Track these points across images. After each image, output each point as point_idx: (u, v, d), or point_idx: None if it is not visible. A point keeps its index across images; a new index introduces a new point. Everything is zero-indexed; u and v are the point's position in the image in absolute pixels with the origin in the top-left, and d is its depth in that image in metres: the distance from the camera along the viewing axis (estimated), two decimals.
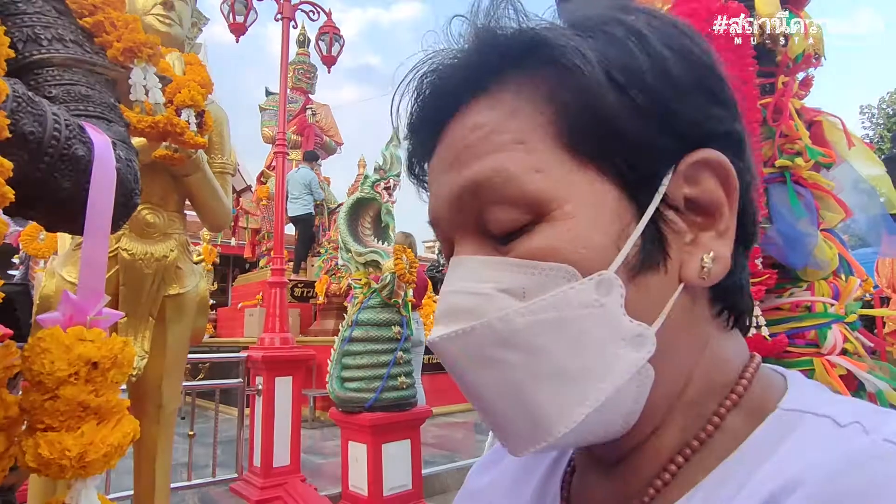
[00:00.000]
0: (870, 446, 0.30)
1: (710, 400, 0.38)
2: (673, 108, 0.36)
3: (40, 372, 0.59)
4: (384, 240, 3.48)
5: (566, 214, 0.35)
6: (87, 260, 0.66)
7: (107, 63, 0.84)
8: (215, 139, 2.18)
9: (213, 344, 8.30)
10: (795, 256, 1.61)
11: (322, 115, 10.44)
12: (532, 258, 0.35)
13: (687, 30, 0.39)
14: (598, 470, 0.43)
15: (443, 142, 0.41)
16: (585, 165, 0.36)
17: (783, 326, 1.62)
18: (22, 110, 0.61)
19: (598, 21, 0.38)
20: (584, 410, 0.34)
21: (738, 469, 0.34)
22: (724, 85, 0.39)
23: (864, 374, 1.55)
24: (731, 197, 0.37)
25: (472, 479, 0.56)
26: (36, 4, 0.79)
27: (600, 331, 0.34)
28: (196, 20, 2.29)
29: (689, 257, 0.37)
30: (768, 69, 1.80)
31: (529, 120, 0.37)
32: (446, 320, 0.37)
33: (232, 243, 11.66)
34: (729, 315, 0.41)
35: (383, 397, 3.16)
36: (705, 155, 0.37)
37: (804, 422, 0.34)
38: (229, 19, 4.68)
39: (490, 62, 0.38)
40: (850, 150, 1.85)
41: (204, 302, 2.16)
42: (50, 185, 0.67)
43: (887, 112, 20.67)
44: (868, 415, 0.32)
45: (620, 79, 0.35)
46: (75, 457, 0.59)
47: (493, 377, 0.36)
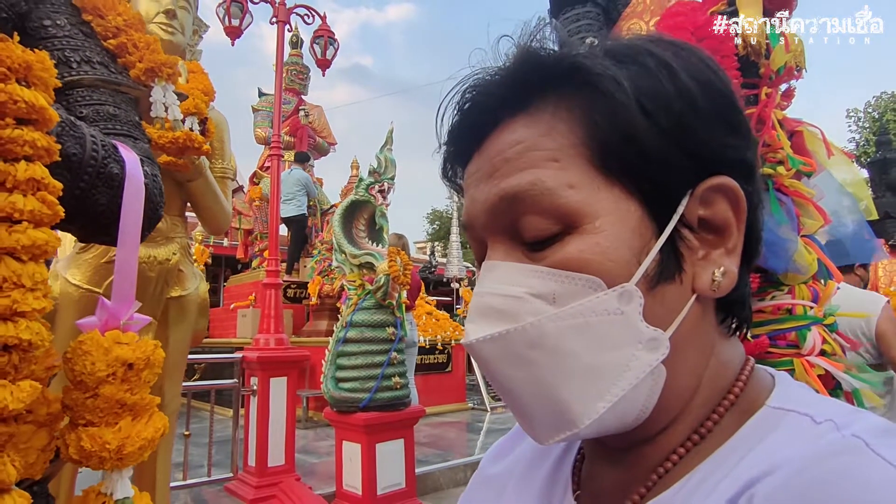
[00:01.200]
0: (838, 440, 0.33)
1: (713, 401, 0.42)
2: (696, 136, 0.39)
3: (82, 372, 0.64)
4: (378, 242, 3.52)
5: (596, 229, 0.39)
6: (120, 269, 0.71)
7: (130, 82, 0.89)
8: (216, 144, 2.22)
9: (206, 344, 8.29)
10: (777, 261, 1.68)
11: (315, 116, 10.46)
12: (563, 267, 0.39)
13: (711, 63, 0.42)
14: (606, 459, 0.47)
15: (482, 152, 0.44)
16: (613, 184, 0.40)
17: (765, 328, 1.69)
18: (65, 134, 0.66)
19: (631, 51, 0.41)
20: (605, 405, 0.38)
21: (727, 459, 0.38)
22: (742, 116, 0.42)
23: (841, 373, 1.62)
24: (739, 219, 0.41)
25: (486, 467, 0.60)
26: (65, 29, 0.84)
27: (620, 335, 0.38)
28: (197, 27, 2.33)
29: (701, 271, 0.41)
30: (752, 81, 1.87)
31: (564, 139, 0.40)
32: (480, 320, 0.41)
33: (224, 244, 11.63)
34: (731, 323, 0.45)
35: (377, 397, 3.21)
36: (721, 181, 0.40)
37: (787, 419, 0.38)
38: (225, 22, 4.70)
39: (531, 83, 0.42)
40: (830, 158, 1.93)
41: (204, 304, 2.20)
42: (88, 202, 0.72)
43: (873, 116, 20.89)
44: (843, 414, 0.36)
45: (649, 106, 0.39)
46: (114, 449, 0.64)
47: (524, 375, 0.40)
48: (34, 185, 0.58)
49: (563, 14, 2.21)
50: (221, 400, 5.16)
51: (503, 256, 0.43)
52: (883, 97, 21.03)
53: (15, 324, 0.56)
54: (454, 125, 0.47)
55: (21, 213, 0.56)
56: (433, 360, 6.99)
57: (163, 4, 2.01)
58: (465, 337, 0.42)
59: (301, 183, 8.63)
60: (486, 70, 0.45)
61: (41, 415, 0.64)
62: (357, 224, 3.62)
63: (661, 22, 1.89)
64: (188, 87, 1.79)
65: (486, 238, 0.45)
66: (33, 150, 0.57)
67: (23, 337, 0.56)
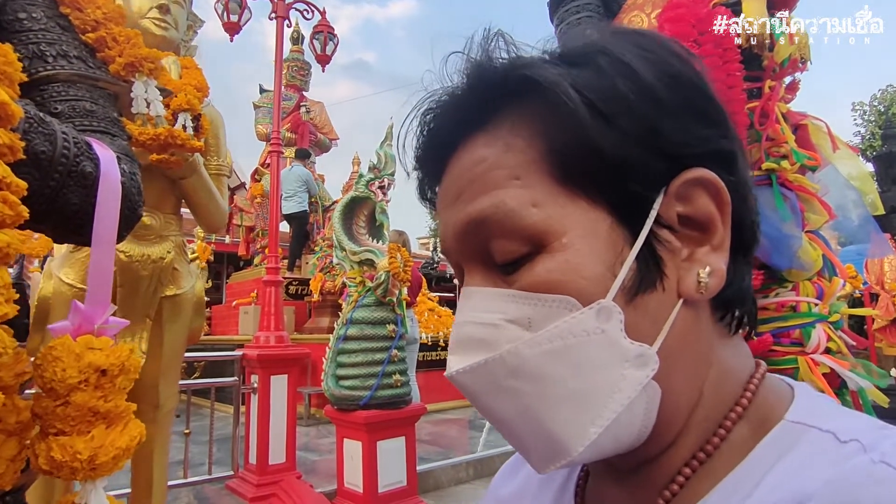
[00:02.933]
0: (867, 466, 0.31)
1: (719, 413, 0.40)
2: (660, 133, 0.37)
3: (52, 379, 0.62)
4: (379, 238, 3.50)
5: (563, 246, 0.37)
6: (95, 271, 0.69)
7: (109, 78, 0.87)
8: (211, 141, 2.20)
9: (208, 342, 8.30)
10: (780, 258, 1.65)
11: (316, 113, 10.43)
12: (535, 290, 0.37)
13: (675, 49, 0.40)
14: (612, 478, 0.45)
15: (448, 174, 0.43)
16: (578, 197, 0.38)
17: (768, 326, 1.66)
18: (34, 130, 0.64)
19: (586, 51, 0.39)
20: (597, 429, 0.36)
21: (745, 480, 0.35)
22: (713, 103, 0.40)
23: (847, 372, 1.59)
24: (723, 211, 0.39)
25: (498, 487, 0.58)
26: (41, 21, 0.81)
27: (604, 355, 0.36)
28: (191, 23, 2.30)
29: (686, 273, 0.38)
30: (755, 73, 1.83)
31: (523, 155, 0.38)
32: (460, 351, 0.40)
33: (226, 241, 11.63)
34: (731, 320, 0.42)
35: (378, 395, 3.19)
36: (695, 174, 0.38)
37: (808, 436, 0.35)
38: (223, 18, 4.68)
39: (484, 100, 0.40)
40: (835, 153, 1.89)
41: (200, 302, 2.18)
42: (59, 201, 0.70)
43: (879, 109, 20.76)
44: (868, 431, 0.34)
45: (605, 109, 0.37)
46: (86, 459, 0.62)
47: (510, 404, 0.38)
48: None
49: (562, 6, 2.18)
50: (222, 397, 5.16)
51: (480, 282, 0.41)
52: (889, 90, 20.89)
53: None
54: (418, 151, 0.45)
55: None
56: (435, 357, 6.98)
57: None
58: (447, 369, 0.40)
59: (302, 179, 8.62)
60: (440, 91, 0.43)
61: (10, 423, 0.62)
62: (357, 221, 3.61)
63: (662, 14, 1.85)
64: (181, 83, 1.76)
65: (461, 263, 0.43)
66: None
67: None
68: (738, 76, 1.73)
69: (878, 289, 6.07)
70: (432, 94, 0.43)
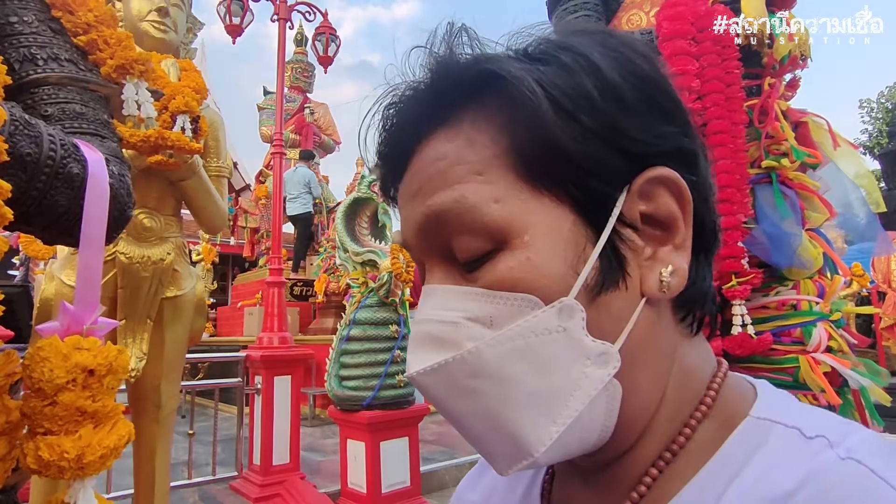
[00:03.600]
0: (835, 463, 0.32)
1: (683, 412, 0.39)
2: (622, 131, 0.37)
3: (40, 379, 0.62)
4: (381, 239, 3.51)
5: (525, 244, 0.36)
6: (83, 272, 0.69)
7: (100, 80, 0.87)
8: (211, 143, 2.21)
9: (213, 343, 8.34)
10: (780, 256, 1.64)
11: (320, 114, 10.46)
12: (497, 287, 0.36)
13: (640, 49, 0.40)
14: (578, 478, 0.44)
15: (409, 170, 0.42)
16: (541, 193, 0.37)
17: (769, 325, 1.65)
18: (19, 133, 0.64)
19: (549, 47, 0.39)
20: (559, 428, 0.36)
21: (716, 478, 0.35)
22: (675, 102, 0.40)
23: (848, 370, 1.58)
24: (685, 210, 0.39)
25: (464, 493, 0.57)
26: (32, 25, 0.82)
27: (565, 353, 0.36)
28: (191, 25, 2.31)
29: (648, 272, 0.38)
30: (754, 71, 1.82)
31: (486, 150, 0.38)
32: (420, 350, 0.39)
33: (231, 242, 11.69)
34: (693, 320, 0.42)
35: (381, 395, 3.20)
36: (657, 172, 0.38)
37: (774, 432, 0.36)
38: (226, 20, 4.70)
39: (446, 95, 0.40)
40: (836, 150, 1.88)
41: (201, 303, 2.19)
42: (46, 203, 0.70)
43: (886, 106, 20.61)
44: (832, 427, 0.35)
45: (569, 106, 0.36)
46: (73, 459, 0.62)
47: (471, 405, 0.37)
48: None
49: (561, 5, 2.17)
50: (226, 398, 5.17)
51: (441, 279, 0.40)
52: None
53: None
54: (380, 146, 0.44)
55: None
56: None
57: (155, 2, 2.00)
58: (407, 369, 0.40)
59: (305, 181, 8.64)
60: (403, 86, 0.42)
61: (0, 423, 0.62)
62: (360, 221, 3.61)
63: (661, 12, 1.85)
64: (179, 86, 1.77)
65: (423, 260, 0.42)
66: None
67: None
68: (736, 73, 1.72)
69: (886, 287, 6.02)
70: (394, 89, 0.43)
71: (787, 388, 1.57)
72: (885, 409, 1.73)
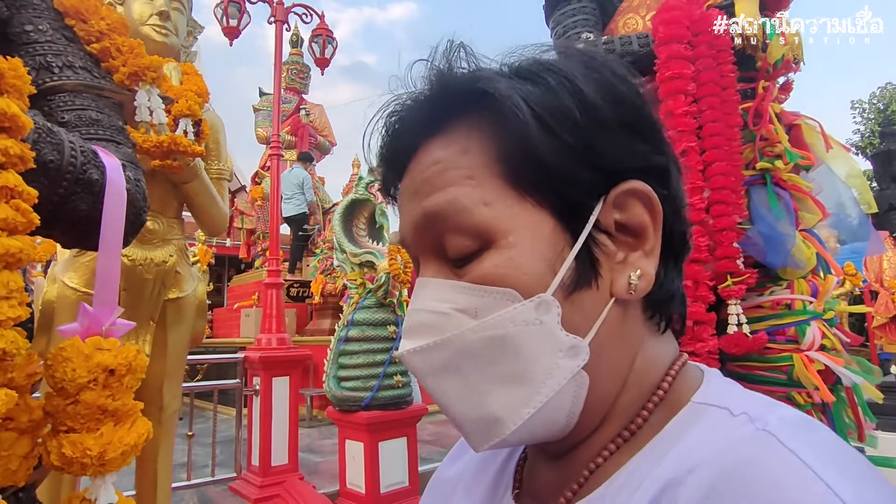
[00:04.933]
0: (749, 433, 0.35)
1: (642, 398, 0.44)
2: (600, 147, 0.41)
3: (63, 379, 0.64)
4: (379, 240, 3.52)
5: (510, 244, 0.40)
6: (102, 275, 0.71)
7: (113, 87, 0.89)
8: (212, 146, 2.22)
9: (210, 344, 8.32)
10: (775, 256, 1.67)
11: (316, 116, 10.47)
12: (482, 282, 0.41)
13: (619, 72, 0.44)
14: (546, 460, 0.49)
15: (409, 172, 0.46)
16: (524, 199, 0.41)
17: (764, 324, 1.68)
18: (42, 140, 0.66)
19: (537, 68, 0.43)
20: (529, 411, 0.40)
21: (651, 455, 0.39)
22: (650, 122, 0.44)
23: (841, 368, 1.61)
24: (655, 221, 0.43)
25: (442, 470, 0.62)
26: (47, 33, 0.84)
27: (540, 344, 0.40)
28: (191, 29, 2.32)
29: (618, 275, 0.42)
30: (749, 74, 1.85)
31: (478, 158, 0.42)
32: (412, 335, 0.43)
33: (227, 244, 11.67)
34: (660, 320, 0.46)
35: (379, 396, 3.21)
36: (631, 186, 0.42)
37: (707, 413, 0.39)
38: (223, 23, 4.71)
39: (443, 106, 0.44)
40: (828, 152, 1.91)
41: (202, 305, 2.20)
42: (67, 208, 0.72)
43: (878, 107, 20.74)
44: (758, 406, 0.38)
45: (551, 122, 0.40)
46: (95, 456, 0.64)
47: (452, 384, 0.42)
48: (7, 193, 0.57)
49: (558, 9, 2.20)
50: (225, 400, 5.18)
51: (433, 273, 0.44)
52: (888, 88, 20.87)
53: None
54: (382, 150, 0.49)
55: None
56: None
57: (156, 6, 2.01)
58: (399, 349, 0.45)
59: (299, 181, 8.64)
60: (404, 95, 0.47)
61: (23, 422, 0.64)
62: (357, 223, 3.63)
63: (657, 16, 1.87)
64: (182, 89, 1.79)
65: (418, 255, 0.47)
66: (6, 157, 0.57)
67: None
68: (731, 77, 1.75)
69: (878, 286, 6.08)
70: (397, 98, 0.47)
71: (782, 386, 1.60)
72: (878, 407, 1.76)
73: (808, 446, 0.33)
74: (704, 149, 1.68)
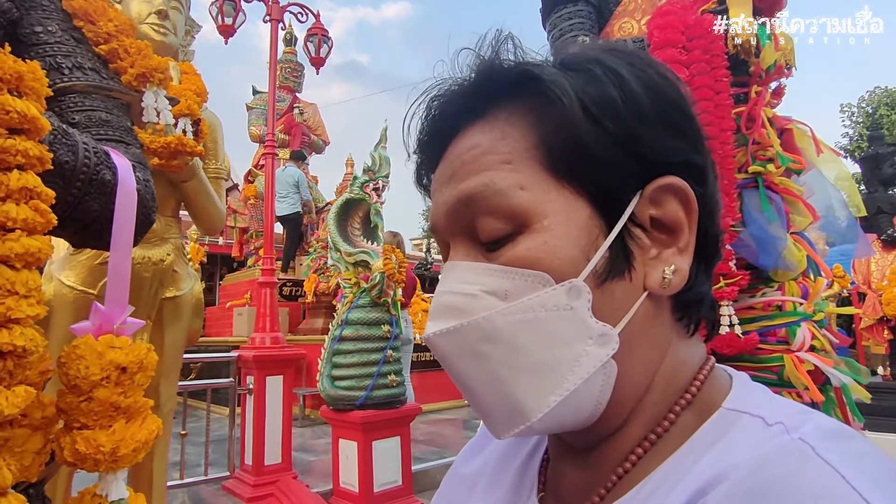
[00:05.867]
0: (786, 444, 0.34)
1: (669, 399, 0.43)
2: (640, 139, 0.41)
3: (76, 376, 0.65)
4: (373, 240, 3.53)
5: (545, 228, 0.40)
6: (113, 274, 0.73)
7: (122, 88, 0.90)
8: (209, 145, 2.23)
9: (203, 343, 8.28)
10: (766, 258, 1.69)
11: (309, 114, 10.44)
12: (514, 265, 0.40)
13: (662, 70, 0.44)
14: (570, 459, 0.48)
15: (445, 158, 0.46)
16: (562, 185, 0.41)
17: (755, 325, 1.71)
18: (58, 142, 0.67)
19: (583, 60, 0.43)
20: (556, 398, 0.39)
21: (683, 462, 0.39)
22: (690, 121, 0.44)
23: (830, 369, 1.64)
24: (691, 218, 0.43)
25: (459, 466, 0.61)
26: (56, 35, 0.85)
27: (570, 330, 0.39)
28: (189, 28, 2.33)
29: (652, 269, 0.42)
30: (742, 79, 1.88)
31: (517, 143, 0.42)
32: (439, 317, 0.43)
33: (220, 242, 11.61)
34: (689, 322, 0.46)
35: (374, 395, 3.22)
36: (669, 181, 0.42)
37: (740, 421, 0.39)
38: (218, 21, 4.69)
39: (487, 92, 0.44)
40: (819, 156, 1.95)
41: (199, 304, 2.21)
42: (81, 208, 0.73)
43: (867, 111, 20.93)
44: (793, 415, 0.37)
45: (595, 111, 0.40)
46: (108, 452, 0.65)
47: (478, 368, 0.41)
48: (27, 194, 0.59)
49: (555, 12, 2.22)
50: (218, 399, 5.17)
51: (463, 256, 0.44)
52: (877, 92, 21.07)
53: (10, 330, 0.57)
54: (421, 135, 0.49)
55: (14, 222, 0.57)
56: (429, 358, 6.99)
57: (154, 5, 2.01)
58: (425, 332, 0.44)
59: (293, 180, 8.62)
60: (448, 81, 0.47)
61: (36, 418, 0.65)
62: (352, 222, 3.63)
63: (652, 20, 1.90)
64: (181, 89, 1.79)
65: (448, 240, 0.46)
66: (26, 159, 0.58)
67: (17, 343, 0.57)
68: (725, 82, 1.78)
69: (865, 288, 6.14)
70: (441, 83, 0.47)
71: (773, 386, 1.63)
72: (866, 407, 1.80)
73: (844, 457, 0.32)
74: None
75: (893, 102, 20.02)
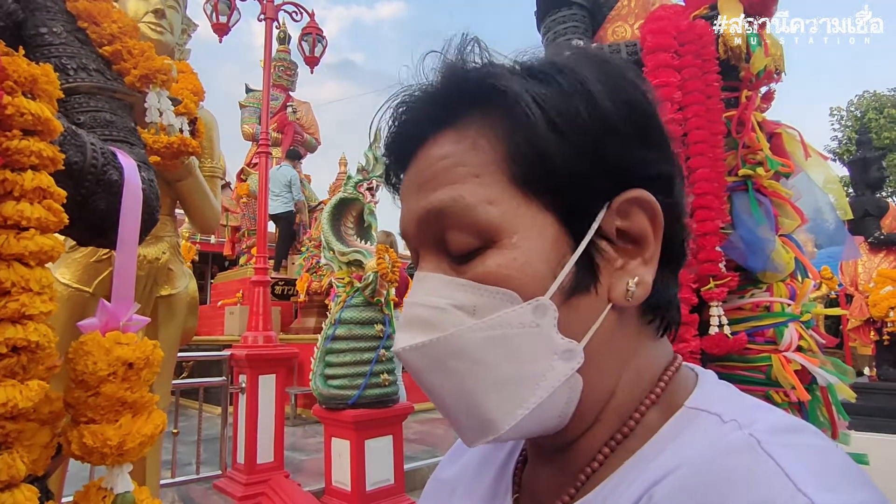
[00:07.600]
0: (735, 440, 0.35)
1: (635, 400, 0.44)
2: (608, 153, 0.41)
3: (84, 371, 0.67)
4: (367, 239, 3.54)
5: (513, 244, 0.40)
6: (119, 271, 0.74)
7: (125, 89, 0.92)
8: (205, 144, 2.24)
9: (193, 342, 8.23)
10: (755, 260, 1.73)
11: (302, 113, 10.43)
12: (483, 281, 0.41)
13: (633, 78, 0.44)
14: (543, 460, 0.49)
15: (414, 164, 0.46)
16: (530, 200, 0.41)
17: (744, 325, 1.74)
18: (67, 142, 0.69)
19: (550, 69, 0.42)
20: (523, 412, 0.40)
21: (645, 458, 0.40)
22: (659, 130, 0.44)
23: (816, 368, 1.67)
24: (656, 230, 0.43)
25: (441, 470, 0.63)
26: (61, 36, 0.86)
27: (536, 346, 0.40)
28: (185, 26, 2.33)
29: (617, 282, 0.42)
30: (732, 84, 1.91)
31: (486, 156, 0.42)
32: (409, 330, 0.43)
33: (211, 241, 11.57)
34: (658, 324, 0.47)
35: (366, 394, 3.23)
36: (636, 194, 0.42)
37: (698, 418, 0.40)
38: (212, 19, 4.68)
39: (455, 100, 0.44)
40: (807, 160, 1.98)
41: (194, 302, 2.22)
42: (88, 207, 0.75)
43: (855, 115, 21.11)
44: (748, 411, 0.38)
45: (562, 125, 0.40)
46: (115, 445, 0.67)
47: (448, 382, 0.42)
48: (41, 194, 0.60)
49: (550, 16, 2.24)
50: (210, 398, 5.16)
51: (432, 268, 0.44)
52: (865, 96, 21.26)
53: (24, 326, 0.59)
54: (388, 139, 0.49)
55: (28, 221, 0.59)
56: None
57: (151, 4, 2.01)
58: (395, 345, 0.44)
59: (287, 179, 8.61)
60: (415, 87, 0.46)
61: (44, 413, 0.66)
62: (346, 222, 3.64)
63: (645, 25, 1.92)
64: (178, 88, 1.80)
65: (418, 249, 0.47)
66: (39, 159, 0.59)
67: (31, 339, 0.59)
68: (716, 86, 1.81)
69: (853, 290, 6.22)
70: (407, 89, 0.47)
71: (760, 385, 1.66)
72: (852, 406, 1.83)
73: (789, 450, 0.33)
74: (689, 155, 1.74)
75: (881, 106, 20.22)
